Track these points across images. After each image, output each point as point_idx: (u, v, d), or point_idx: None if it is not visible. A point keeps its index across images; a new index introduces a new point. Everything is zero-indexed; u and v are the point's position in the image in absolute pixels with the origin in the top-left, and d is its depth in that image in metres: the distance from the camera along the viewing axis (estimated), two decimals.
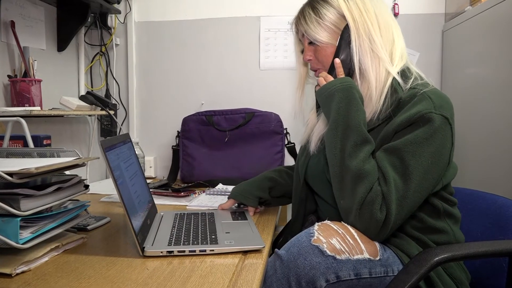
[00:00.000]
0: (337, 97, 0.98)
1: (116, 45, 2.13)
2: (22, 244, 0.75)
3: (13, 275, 0.74)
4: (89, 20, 1.93)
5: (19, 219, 0.75)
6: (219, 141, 1.93)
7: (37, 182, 0.86)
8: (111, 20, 2.08)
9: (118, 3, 1.97)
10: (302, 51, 1.18)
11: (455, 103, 1.75)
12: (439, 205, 0.98)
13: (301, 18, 1.11)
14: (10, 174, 0.74)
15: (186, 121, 1.97)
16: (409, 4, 1.93)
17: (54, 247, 0.85)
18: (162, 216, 1.15)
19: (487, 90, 1.48)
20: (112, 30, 2.10)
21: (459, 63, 1.74)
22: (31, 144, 1.31)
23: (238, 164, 1.88)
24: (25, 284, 0.71)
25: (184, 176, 1.94)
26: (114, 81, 2.14)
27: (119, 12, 2.04)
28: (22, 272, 0.76)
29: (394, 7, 1.92)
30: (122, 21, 2.12)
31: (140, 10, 2.12)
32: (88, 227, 1.05)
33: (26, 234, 0.77)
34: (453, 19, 1.79)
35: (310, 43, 1.11)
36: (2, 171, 0.73)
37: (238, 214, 1.20)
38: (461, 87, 1.72)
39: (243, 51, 2.06)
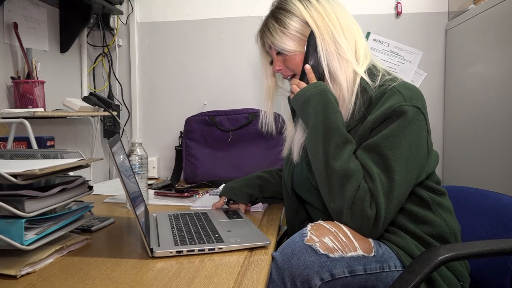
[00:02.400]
0: (313, 102, 0.99)
1: (119, 46, 2.13)
2: (27, 245, 0.76)
3: (18, 277, 0.74)
4: (91, 21, 1.93)
5: (23, 220, 0.75)
6: (222, 142, 1.93)
7: (41, 184, 0.87)
8: (114, 21, 2.09)
9: (120, 4, 1.98)
10: (271, 63, 1.20)
11: (459, 101, 1.76)
12: (427, 196, 0.99)
13: (265, 30, 1.13)
14: (14, 175, 0.74)
15: (189, 121, 1.97)
16: (412, 3, 1.93)
17: (58, 248, 0.85)
18: (156, 217, 1.16)
19: (491, 89, 1.48)
20: (115, 31, 2.10)
21: (463, 62, 1.74)
22: (34, 145, 1.31)
23: (241, 164, 1.88)
24: (30, 285, 0.71)
25: (187, 176, 1.94)
26: (117, 82, 2.14)
27: (122, 13, 2.05)
28: (27, 274, 0.76)
29: (396, 6, 1.92)
30: (125, 22, 2.12)
31: (142, 10, 2.13)
32: (92, 228, 1.05)
33: (30, 235, 0.77)
34: (456, 18, 1.78)
35: (278, 53, 1.13)
36: (6, 173, 0.73)
37: (232, 213, 1.21)
38: (464, 85, 1.71)
39: (245, 51, 2.05)
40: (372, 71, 1.05)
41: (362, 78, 1.03)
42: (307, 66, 1.06)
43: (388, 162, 0.90)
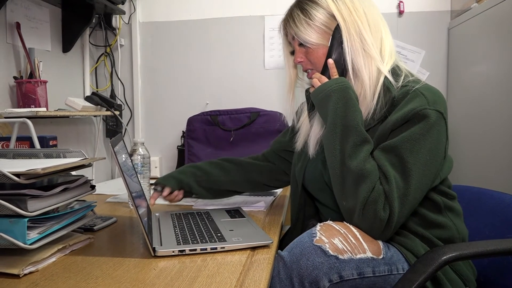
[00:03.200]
0: (334, 98, 0.97)
1: (121, 45, 2.13)
2: (30, 244, 0.76)
3: (21, 276, 0.74)
4: (93, 21, 1.93)
5: (26, 219, 0.75)
6: (224, 141, 1.93)
7: (44, 183, 0.87)
8: (116, 20, 2.09)
9: (123, 3, 1.98)
10: (292, 53, 1.16)
11: (462, 100, 1.75)
12: (439, 199, 0.98)
13: (290, 20, 1.09)
14: (17, 175, 0.74)
15: (191, 121, 1.97)
16: (414, 2, 1.92)
17: (61, 247, 0.85)
18: (159, 217, 1.15)
19: (494, 87, 1.47)
20: (117, 30, 2.10)
21: (465, 61, 1.73)
22: (37, 145, 1.31)
23: None
24: (33, 284, 0.71)
25: None
26: (119, 81, 2.15)
27: (124, 13, 2.05)
28: (30, 273, 0.76)
29: (399, 4, 1.92)
30: (127, 22, 2.12)
31: (144, 10, 2.13)
32: (95, 228, 1.05)
33: (33, 234, 0.77)
34: (459, 17, 1.78)
35: (301, 44, 1.09)
36: (9, 172, 0.73)
37: (234, 212, 1.21)
38: (467, 84, 1.71)
39: (248, 51, 2.05)
40: (395, 71, 1.02)
41: (386, 78, 1.00)
42: (330, 61, 1.02)
43: (406, 166, 0.89)
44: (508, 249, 0.85)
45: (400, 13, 1.92)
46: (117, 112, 1.92)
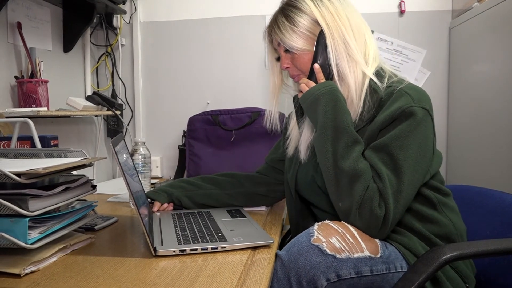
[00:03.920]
0: (322, 101, 0.98)
1: (122, 45, 2.13)
2: (31, 244, 0.76)
3: (22, 275, 0.74)
4: (94, 20, 1.94)
5: (27, 219, 0.75)
6: (225, 141, 1.93)
7: (45, 183, 0.87)
8: (117, 20, 2.09)
9: (124, 3, 1.98)
10: (277, 59, 1.17)
11: (463, 100, 1.75)
12: (432, 195, 0.99)
13: (274, 27, 1.11)
14: (18, 174, 0.74)
15: (192, 120, 1.97)
16: (416, 1, 1.92)
17: (62, 247, 0.85)
18: (160, 216, 1.16)
19: (495, 87, 1.47)
20: (118, 30, 2.11)
21: (467, 60, 1.73)
22: (38, 144, 1.31)
23: (244, 163, 1.88)
24: (34, 284, 0.71)
25: (190, 175, 1.94)
26: (120, 81, 2.15)
27: (125, 13, 2.05)
28: (31, 272, 0.76)
29: (400, 4, 1.91)
30: (128, 22, 2.12)
31: (145, 10, 2.13)
32: (96, 227, 1.05)
33: (34, 234, 0.77)
34: (460, 16, 1.77)
35: (286, 51, 1.10)
36: (10, 172, 0.73)
37: (235, 212, 1.21)
38: (468, 84, 1.70)
39: (249, 50, 2.05)
40: (380, 73, 1.04)
41: (371, 80, 1.02)
42: (316, 66, 1.04)
43: (397, 162, 0.90)
44: (509, 249, 0.85)
45: (401, 12, 1.92)
46: (118, 112, 1.92)
